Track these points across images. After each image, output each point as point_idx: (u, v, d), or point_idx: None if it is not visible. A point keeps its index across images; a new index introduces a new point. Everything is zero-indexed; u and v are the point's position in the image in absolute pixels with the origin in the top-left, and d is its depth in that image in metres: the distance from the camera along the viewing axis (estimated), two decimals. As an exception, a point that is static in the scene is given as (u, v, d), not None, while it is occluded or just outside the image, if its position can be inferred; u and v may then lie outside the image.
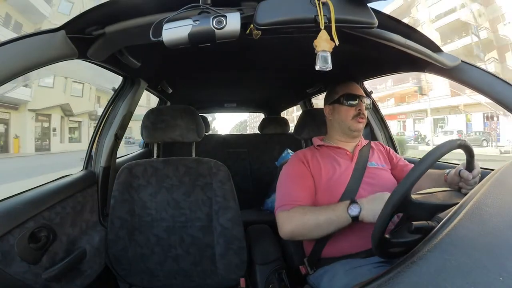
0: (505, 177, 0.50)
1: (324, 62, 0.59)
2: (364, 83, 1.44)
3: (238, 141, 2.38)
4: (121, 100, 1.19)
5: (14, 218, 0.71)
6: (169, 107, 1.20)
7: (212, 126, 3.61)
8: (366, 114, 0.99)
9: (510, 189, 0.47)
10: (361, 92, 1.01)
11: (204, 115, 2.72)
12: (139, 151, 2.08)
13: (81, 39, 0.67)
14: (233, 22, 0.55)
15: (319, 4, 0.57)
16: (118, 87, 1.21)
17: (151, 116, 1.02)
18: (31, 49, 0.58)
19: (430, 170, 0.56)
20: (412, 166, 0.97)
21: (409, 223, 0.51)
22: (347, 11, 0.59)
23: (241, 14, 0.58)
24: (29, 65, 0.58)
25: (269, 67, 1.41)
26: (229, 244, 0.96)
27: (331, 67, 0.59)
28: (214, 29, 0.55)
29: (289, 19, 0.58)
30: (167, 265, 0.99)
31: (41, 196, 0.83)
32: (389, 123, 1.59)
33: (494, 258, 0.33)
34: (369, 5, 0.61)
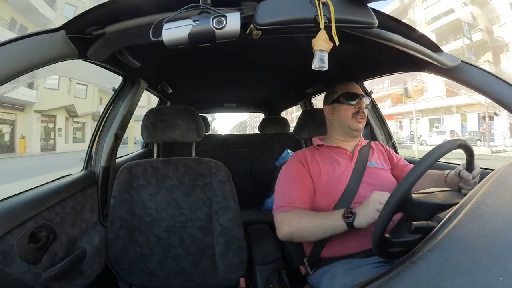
0: (505, 177, 0.50)
1: (320, 62, 0.59)
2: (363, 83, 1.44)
3: (238, 141, 2.38)
4: (121, 100, 1.19)
5: (14, 218, 0.71)
6: (169, 107, 1.20)
7: (212, 126, 3.60)
8: (366, 113, 0.99)
9: (510, 189, 0.47)
10: (361, 91, 1.01)
11: (204, 115, 2.72)
12: (139, 151, 2.08)
13: (81, 39, 0.67)
14: (233, 22, 0.55)
15: (319, 4, 0.57)
16: (118, 87, 1.21)
17: (151, 116, 1.02)
18: (31, 49, 0.58)
19: (430, 170, 0.56)
20: (412, 166, 0.97)
21: (409, 223, 0.51)
22: (347, 11, 0.59)
23: (241, 14, 0.58)
24: (29, 65, 0.58)
25: (269, 67, 1.41)
26: (229, 244, 0.96)
27: (327, 67, 0.59)
28: (214, 29, 0.55)
29: (289, 19, 0.58)
30: (167, 265, 0.99)
31: (41, 196, 0.83)
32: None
33: (494, 258, 0.33)
34: (369, 5, 0.61)
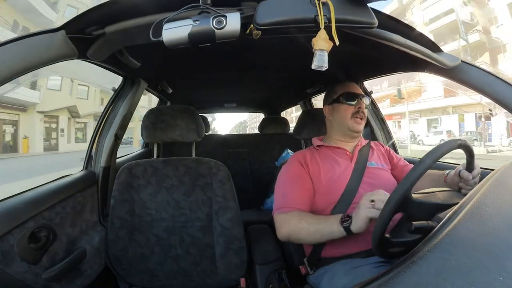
0: (505, 177, 0.50)
1: (320, 61, 0.59)
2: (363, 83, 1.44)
3: (238, 141, 2.38)
4: (121, 100, 1.19)
5: (14, 218, 0.71)
6: (169, 107, 1.20)
7: (212, 126, 3.60)
8: (365, 113, 0.99)
9: (510, 189, 0.47)
10: (361, 91, 1.01)
11: (204, 115, 2.72)
12: (139, 151, 2.08)
13: (81, 39, 0.67)
14: (233, 22, 0.55)
15: (319, 4, 0.57)
16: (118, 87, 1.21)
17: (151, 116, 1.02)
18: (31, 49, 0.58)
19: (430, 170, 0.56)
20: (412, 166, 0.97)
21: (409, 223, 0.51)
22: (347, 11, 0.59)
23: (241, 14, 0.58)
24: (29, 65, 0.58)
25: (269, 67, 1.41)
26: (229, 244, 0.96)
27: (327, 67, 0.59)
28: (214, 29, 0.55)
29: (289, 19, 0.58)
30: (167, 265, 0.99)
31: (41, 196, 0.83)
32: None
33: (494, 258, 0.33)
34: (369, 5, 0.61)
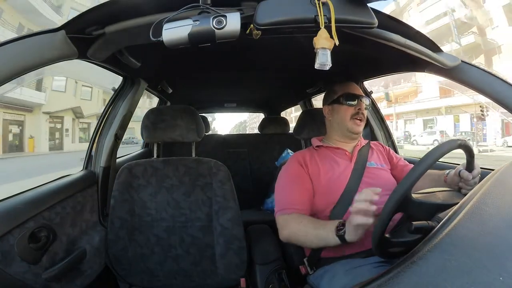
0: (505, 177, 0.50)
1: (323, 60, 0.58)
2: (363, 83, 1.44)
3: (238, 141, 2.38)
4: (121, 100, 1.19)
5: (14, 218, 0.71)
6: (169, 107, 1.20)
7: (212, 126, 3.60)
8: (365, 114, 0.99)
9: (510, 189, 0.47)
10: (361, 92, 1.01)
11: (204, 115, 2.72)
12: (139, 151, 2.08)
13: (81, 39, 0.67)
14: (233, 22, 0.55)
15: (319, 4, 0.57)
16: (118, 87, 1.21)
17: (151, 116, 1.02)
18: (31, 49, 0.58)
19: (430, 170, 0.56)
20: (412, 166, 0.96)
21: (409, 223, 0.51)
22: (347, 11, 0.59)
23: (241, 14, 0.58)
24: (29, 65, 0.58)
25: (269, 67, 1.41)
26: (229, 244, 0.96)
27: (331, 65, 0.59)
28: (214, 29, 0.55)
29: (289, 19, 0.58)
30: (167, 265, 0.99)
31: (41, 196, 0.83)
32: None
33: (494, 258, 0.33)
34: (369, 5, 0.61)
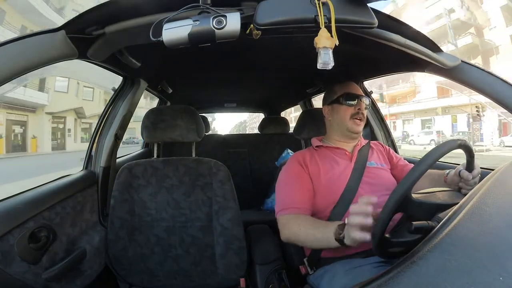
0: (505, 177, 0.50)
1: (325, 59, 0.58)
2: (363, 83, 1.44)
3: (238, 141, 2.38)
4: (121, 100, 1.19)
5: (14, 218, 0.71)
6: (169, 107, 1.20)
7: (212, 126, 3.60)
8: (365, 114, 0.99)
9: (510, 189, 0.47)
10: (360, 92, 1.01)
11: (204, 115, 2.72)
12: (139, 151, 2.08)
13: (81, 39, 0.67)
14: (233, 22, 0.55)
15: (319, 4, 0.57)
16: (118, 87, 1.21)
17: (151, 116, 1.02)
18: (31, 49, 0.58)
19: (430, 170, 0.56)
20: (412, 166, 0.96)
21: (409, 223, 0.51)
22: (347, 11, 0.59)
23: (241, 14, 0.58)
24: (29, 65, 0.58)
25: (269, 67, 1.41)
26: (229, 244, 0.96)
27: (334, 64, 0.58)
28: (214, 29, 0.55)
29: (289, 19, 0.58)
30: (167, 265, 0.99)
31: (41, 196, 0.83)
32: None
33: (494, 258, 0.33)
34: (369, 5, 0.61)
